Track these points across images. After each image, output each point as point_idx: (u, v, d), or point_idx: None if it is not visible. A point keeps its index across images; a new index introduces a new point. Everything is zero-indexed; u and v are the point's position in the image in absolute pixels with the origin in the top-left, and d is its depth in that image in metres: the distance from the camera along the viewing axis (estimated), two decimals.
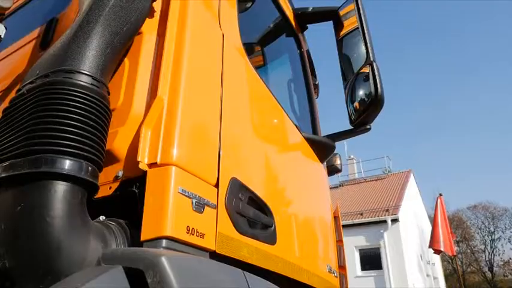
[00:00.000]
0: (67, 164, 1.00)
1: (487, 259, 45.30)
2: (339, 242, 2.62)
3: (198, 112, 1.34)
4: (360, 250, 18.63)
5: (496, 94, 71.69)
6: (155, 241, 1.09)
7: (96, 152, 1.09)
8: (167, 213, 1.10)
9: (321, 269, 2.12)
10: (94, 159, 1.07)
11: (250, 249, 1.41)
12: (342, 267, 2.55)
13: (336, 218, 2.69)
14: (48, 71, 1.13)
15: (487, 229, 45.75)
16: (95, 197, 1.26)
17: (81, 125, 1.05)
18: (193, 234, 1.16)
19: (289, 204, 1.90)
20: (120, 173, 1.28)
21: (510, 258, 44.36)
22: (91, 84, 1.12)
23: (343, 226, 2.86)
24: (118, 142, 1.28)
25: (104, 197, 1.29)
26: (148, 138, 1.21)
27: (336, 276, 2.38)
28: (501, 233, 45.08)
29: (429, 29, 75.55)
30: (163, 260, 0.89)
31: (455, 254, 3.65)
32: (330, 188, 2.85)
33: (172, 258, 0.92)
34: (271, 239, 1.58)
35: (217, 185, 1.32)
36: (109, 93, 1.22)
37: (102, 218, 1.25)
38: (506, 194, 74.98)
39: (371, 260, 18.19)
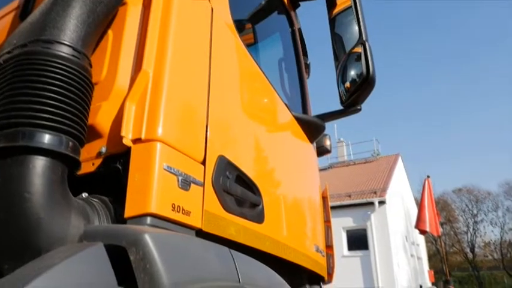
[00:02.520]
0: (46, 138, 0.96)
1: (469, 240, 46.62)
2: (327, 222, 2.64)
3: (184, 87, 1.30)
4: (347, 231, 18.96)
5: (487, 78, 72.31)
6: (139, 218, 1.07)
7: (77, 127, 1.04)
8: (152, 190, 1.07)
9: (308, 249, 2.13)
10: (75, 133, 1.03)
11: (237, 227, 1.40)
12: (329, 247, 2.57)
13: (324, 198, 2.70)
14: (26, 40, 1.07)
15: (471, 212, 46.91)
16: (78, 173, 1.23)
17: (61, 98, 1.01)
18: (178, 212, 1.14)
19: (278, 184, 1.88)
20: (104, 149, 1.24)
21: (491, 240, 45.77)
22: (71, 55, 1.07)
23: (332, 207, 2.86)
24: (101, 117, 1.23)
25: (86, 174, 1.25)
26: (132, 113, 1.16)
27: (323, 256, 2.40)
28: (484, 215, 46.29)
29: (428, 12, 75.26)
30: (147, 236, 0.86)
31: (440, 234, 3.71)
32: (320, 170, 2.85)
33: (156, 235, 0.90)
34: (259, 218, 1.57)
35: (204, 163, 1.30)
36: (91, 66, 1.16)
37: (84, 195, 1.22)
38: (491, 177, 76.72)
39: (358, 241, 18.54)
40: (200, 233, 1.23)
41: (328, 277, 2.46)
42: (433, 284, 20.92)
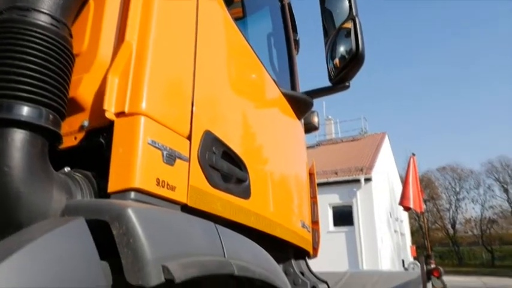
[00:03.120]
0: (25, 111, 0.93)
1: (450, 217, 48.05)
2: (313, 198, 2.66)
3: (169, 59, 1.26)
4: (333, 207, 19.27)
5: (478, 62, 72.67)
6: (123, 193, 1.05)
7: (58, 99, 1.01)
8: (136, 164, 1.05)
9: (294, 224, 2.16)
10: (55, 106, 1.00)
11: (223, 203, 1.39)
12: (315, 222, 2.60)
13: (311, 175, 2.71)
14: (1, 7, 1.02)
15: (453, 189, 48.19)
16: (60, 147, 1.20)
17: (40, 69, 0.97)
18: (163, 187, 1.13)
19: (265, 160, 1.88)
20: (86, 123, 1.21)
21: (471, 217, 47.24)
22: (50, 24, 1.02)
23: (319, 184, 2.89)
24: (83, 89, 1.19)
25: (69, 148, 1.22)
26: (115, 86, 1.13)
27: (309, 231, 2.43)
28: (466, 193, 47.62)
29: None
30: (130, 211, 0.85)
31: (423, 211, 3.78)
32: (307, 148, 2.85)
33: (140, 210, 0.89)
34: (245, 194, 1.56)
35: (189, 138, 1.28)
36: (71, 36, 1.12)
37: (66, 169, 1.19)
38: (474, 156, 78.37)
39: (343, 217, 18.89)
40: (185, 209, 1.23)
41: (313, 252, 2.50)
42: (414, 258, 21.59)
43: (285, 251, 2.25)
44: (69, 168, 1.20)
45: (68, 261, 0.71)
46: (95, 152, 1.19)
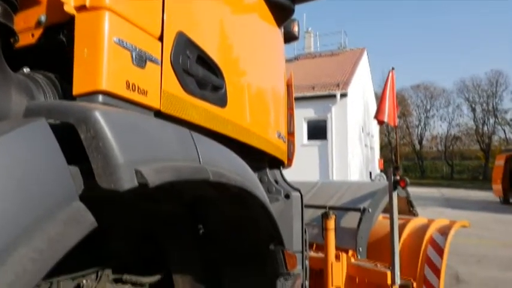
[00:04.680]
0: None
1: (418, 134, 50.25)
2: (290, 110, 2.64)
3: None
4: (308, 121, 19.66)
5: None
6: (90, 96, 0.98)
7: None
8: (102, 65, 0.96)
9: (271, 135, 2.16)
10: None
11: (198, 110, 1.34)
12: (290, 134, 2.62)
13: (288, 86, 2.66)
14: None
15: (424, 107, 49.66)
16: (16, 45, 1.09)
17: None
18: (134, 91, 1.06)
19: (242, 67, 1.80)
20: (43, 18, 1.08)
21: (438, 133, 49.61)
22: None
23: (295, 99, 2.84)
24: None
25: (27, 46, 1.11)
26: None
27: (284, 142, 2.46)
28: (435, 111, 49.30)
29: None
30: (98, 113, 0.79)
31: (397, 125, 3.90)
32: (286, 61, 2.74)
33: (109, 112, 0.83)
34: (221, 102, 1.51)
35: (161, 39, 1.18)
36: None
37: (26, 70, 1.09)
38: (448, 75, 79.49)
39: (317, 131, 19.39)
40: (159, 115, 1.18)
41: (288, 162, 2.56)
42: (381, 171, 22.90)
43: (260, 160, 2.28)
44: (28, 69, 1.11)
45: (31, 164, 0.65)
46: (56, 51, 1.09)
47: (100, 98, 0.98)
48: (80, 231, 0.68)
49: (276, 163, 2.45)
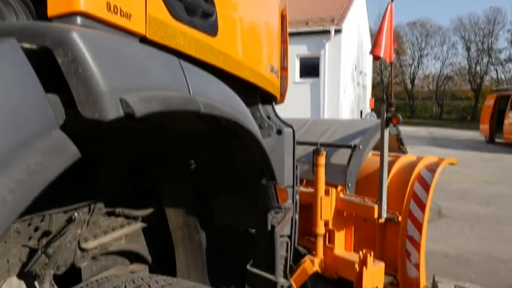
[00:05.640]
0: None
1: (411, 73, 49.83)
2: (284, 43, 2.52)
3: None
4: (300, 58, 19.24)
5: None
6: (66, 18, 0.89)
7: None
8: None
9: (264, 68, 2.07)
10: None
11: (187, 38, 1.25)
12: (284, 68, 2.53)
13: (283, 17, 2.52)
14: None
15: (419, 45, 48.75)
16: None
17: None
18: (116, 14, 0.96)
19: None
20: None
21: (430, 73, 49.29)
22: None
23: (289, 34, 2.70)
24: None
25: None
26: None
27: (277, 76, 2.37)
28: (430, 49, 48.53)
29: None
30: (76, 35, 0.71)
31: (392, 60, 3.79)
32: None
33: (89, 35, 0.75)
34: (212, 30, 1.42)
35: None
36: None
37: None
38: (446, 11, 77.03)
39: (310, 68, 19.05)
40: (144, 42, 1.09)
41: (280, 97, 2.49)
42: (372, 110, 22.98)
43: (252, 95, 2.22)
44: None
45: (3, 90, 0.59)
46: None
47: (78, 19, 0.89)
48: (61, 162, 0.63)
49: (269, 98, 2.39)
